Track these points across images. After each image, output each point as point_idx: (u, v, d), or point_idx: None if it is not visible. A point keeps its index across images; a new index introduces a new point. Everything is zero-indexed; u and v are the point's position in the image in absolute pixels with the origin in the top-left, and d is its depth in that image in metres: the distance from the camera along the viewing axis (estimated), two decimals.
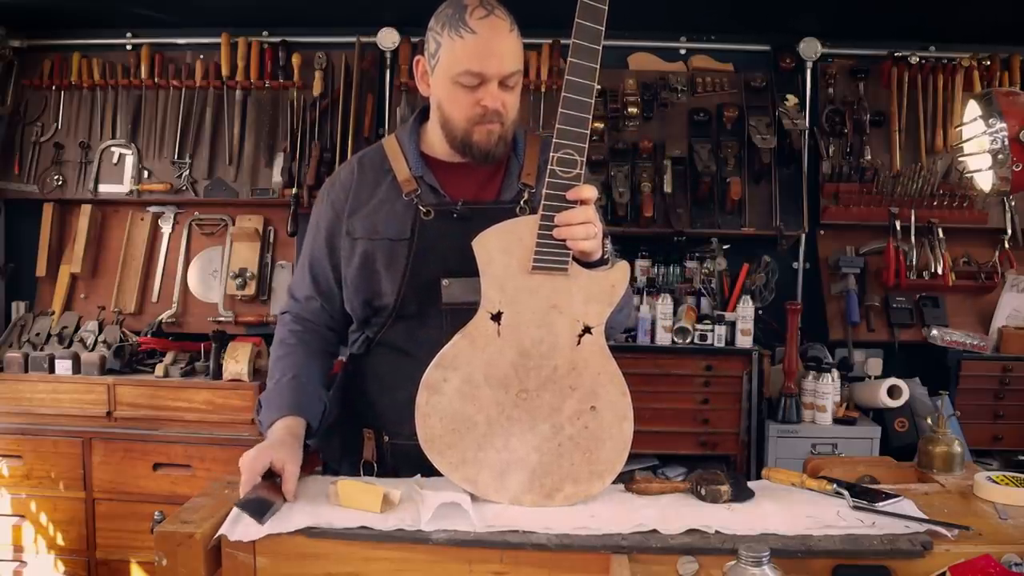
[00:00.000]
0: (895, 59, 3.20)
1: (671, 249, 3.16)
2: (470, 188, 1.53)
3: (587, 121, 1.28)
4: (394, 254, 1.50)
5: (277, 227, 3.30)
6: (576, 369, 1.32)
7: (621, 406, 1.34)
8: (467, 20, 1.39)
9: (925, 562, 1.15)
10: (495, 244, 1.29)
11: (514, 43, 1.43)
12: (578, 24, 1.25)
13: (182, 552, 1.16)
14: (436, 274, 1.48)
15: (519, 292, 1.30)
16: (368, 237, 1.51)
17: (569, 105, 1.27)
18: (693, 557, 1.17)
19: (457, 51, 1.40)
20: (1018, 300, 3.07)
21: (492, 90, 1.41)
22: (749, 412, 2.88)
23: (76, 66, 3.28)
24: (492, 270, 1.29)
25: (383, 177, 1.54)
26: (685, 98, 3.21)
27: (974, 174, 2.70)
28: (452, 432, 1.32)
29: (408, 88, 3.22)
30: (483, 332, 1.31)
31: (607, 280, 1.32)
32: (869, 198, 3.13)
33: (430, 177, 1.52)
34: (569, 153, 1.28)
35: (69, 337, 2.94)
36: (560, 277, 1.30)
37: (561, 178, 1.28)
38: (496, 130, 1.46)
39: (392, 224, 1.50)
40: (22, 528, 2.82)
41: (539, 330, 1.31)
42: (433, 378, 1.32)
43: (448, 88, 1.44)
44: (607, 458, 1.34)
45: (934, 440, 1.52)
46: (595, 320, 1.32)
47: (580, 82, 1.27)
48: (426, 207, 1.49)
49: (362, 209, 1.54)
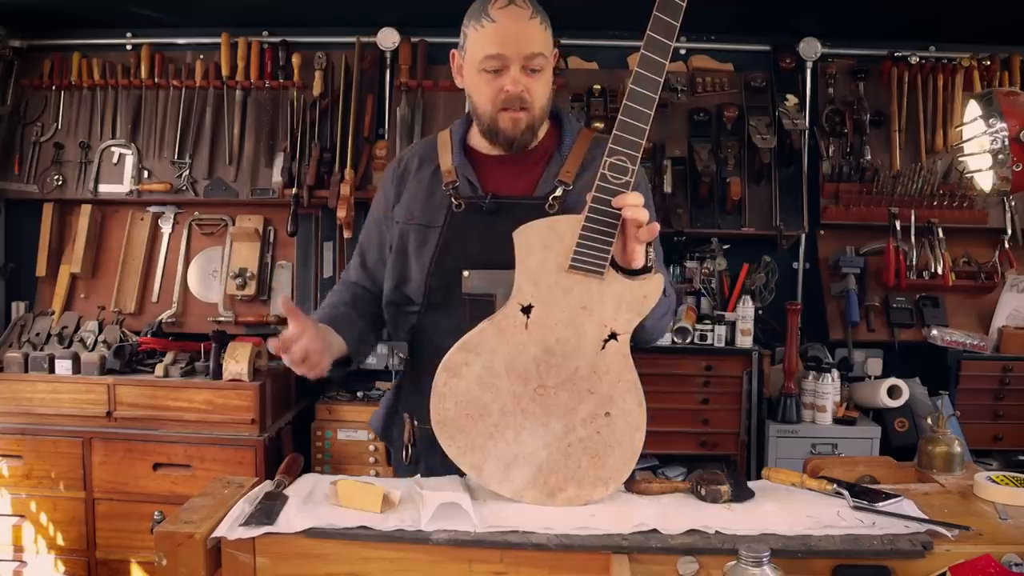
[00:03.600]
0: (895, 59, 3.20)
1: (671, 249, 3.16)
2: (507, 181, 1.56)
3: (644, 131, 1.29)
4: (425, 241, 1.55)
5: (277, 227, 3.30)
6: (597, 373, 1.33)
7: (636, 416, 1.34)
8: (489, 11, 1.46)
9: (925, 562, 1.16)
10: (536, 238, 1.30)
11: (536, 29, 1.47)
12: (649, 36, 1.27)
13: (182, 552, 1.16)
14: (460, 265, 1.51)
15: (552, 289, 1.31)
16: (405, 221, 1.58)
17: (629, 113, 1.29)
18: (693, 557, 1.17)
19: (479, 39, 1.46)
20: (1018, 300, 3.07)
21: (514, 74, 1.46)
22: (749, 412, 2.88)
23: (76, 66, 3.28)
24: (529, 263, 1.30)
25: (428, 166, 1.61)
26: (685, 98, 3.21)
27: (974, 174, 2.70)
28: (465, 417, 1.33)
29: (408, 88, 3.21)
30: (511, 322, 1.32)
31: (640, 290, 1.33)
32: (869, 198, 3.13)
33: (467, 170, 1.57)
34: (622, 160, 1.29)
35: (69, 337, 2.94)
36: (595, 280, 1.30)
37: (611, 183, 1.28)
38: (522, 118, 1.50)
39: (428, 211, 1.56)
40: (22, 528, 2.82)
41: (566, 329, 1.32)
42: (455, 361, 1.32)
43: (475, 77, 1.50)
44: (614, 465, 1.34)
45: (934, 440, 1.52)
46: (623, 328, 1.33)
47: (644, 93, 1.28)
48: (459, 199, 1.54)
49: (405, 194, 1.61)
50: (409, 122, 3.21)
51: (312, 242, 3.27)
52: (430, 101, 3.24)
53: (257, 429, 2.75)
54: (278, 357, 1.42)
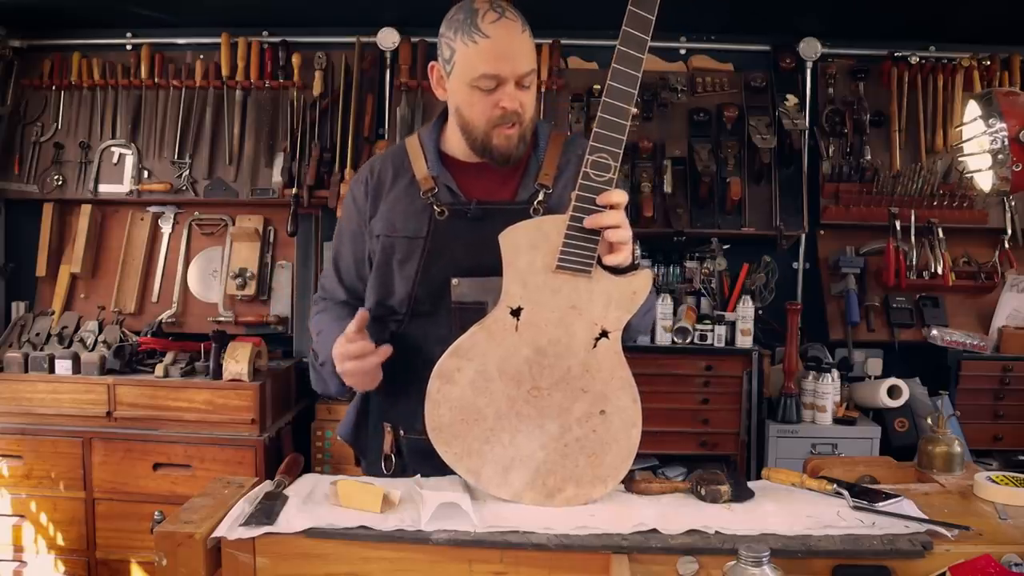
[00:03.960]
0: (895, 59, 3.20)
1: (671, 249, 3.16)
2: (487, 188, 1.55)
3: (625, 127, 1.28)
4: (410, 252, 1.53)
5: (277, 227, 3.31)
6: (589, 372, 1.33)
7: (631, 413, 1.34)
8: (479, 25, 1.41)
9: (925, 562, 1.15)
10: (523, 240, 1.30)
11: (527, 43, 1.45)
12: (625, 32, 1.26)
13: (182, 552, 1.16)
14: (448, 273, 1.50)
15: (541, 290, 1.30)
16: (386, 234, 1.55)
17: (609, 110, 1.28)
18: (693, 557, 1.17)
19: (472, 56, 1.42)
20: (1018, 300, 3.07)
21: (509, 91, 1.44)
22: (749, 412, 2.88)
23: (76, 66, 3.28)
24: (516, 265, 1.30)
25: (403, 175, 1.57)
26: (685, 98, 3.21)
27: (974, 174, 2.71)
28: (460, 422, 1.33)
29: (408, 88, 3.22)
30: (501, 326, 1.31)
31: (629, 287, 1.33)
32: (869, 198, 3.13)
33: (447, 177, 1.54)
34: (604, 157, 1.28)
35: (69, 337, 2.94)
36: (583, 279, 1.30)
37: (594, 181, 1.28)
38: (515, 133, 1.48)
39: (409, 222, 1.53)
40: (22, 528, 2.82)
41: (557, 329, 1.32)
42: (447, 367, 1.32)
43: (466, 93, 1.46)
44: (611, 463, 1.34)
45: (934, 440, 1.52)
46: (613, 325, 1.33)
47: (622, 88, 1.27)
48: (441, 207, 1.52)
49: (382, 207, 1.57)
50: (409, 122, 3.21)
51: (312, 242, 3.27)
52: (430, 101, 3.24)
53: (257, 429, 2.75)
54: (278, 357, 1.42)
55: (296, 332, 3.23)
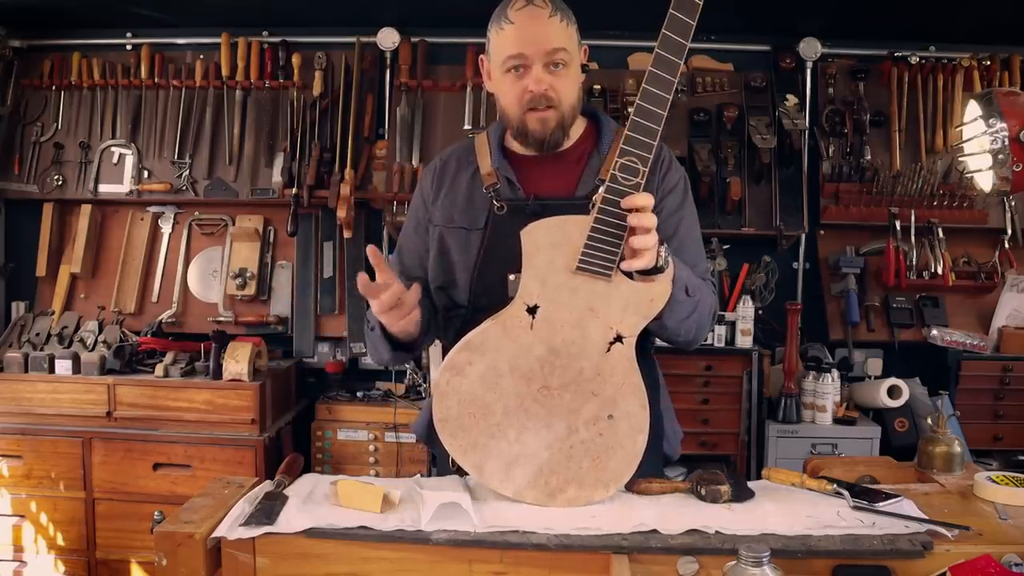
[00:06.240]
0: (895, 59, 3.20)
1: None
2: (548, 182, 1.56)
3: (657, 133, 1.28)
4: (468, 244, 1.54)
5: (277, 227, 3.30)
6: (601, 375, 1.33)
7: (639, 419, 1.34)
8: (508, 13, 1.46)
9: (925, 562, 1.16)
10: (544, 238, 1.30)
11: (555, 25, 1.46)
12: (664, 35, 1.26)
13: (182, 552, 1.16)
14: (505, 268, 1.49)
15: (559, 290, 1.31)
16: (445, 225, 1.58)
17: (642, 114, 1.28)
18: (693, 557, 1.17)
19: (501, 41, 1.47)
20: (1018, 300, 3.07)
21: (536, 73, 1.46)
22: (749, 412, 2.88)
23: (76, 66, 3.28)
24: (536, 263, 1.30)
25: (467, 168, 1.60)
26: (685, 98, 3.21)
27: (974, 174, 2.71)
28: (468, 416, 1.33)
29: (408, 88, 3.21)
30: (516, 322, 1.32)
31: (647, 293, 1.32)
32: (869, 198, 3.13)
33: (507, 170, 1.56)
34: (633, 161, 1.28)
35: (69, 337, 2.94)
36: (602, 282, 1.30)
37: (621, 184, 1.28)
38: (550, 116, 1.49)
39: (468, 214, 1.56)
40: (22, 528, 2.82)
41: (572, 331, 1.32)
42: (458, 360, 1.32)
43: (500, 80, 1.50)
44: (615, 468, 1.34)
45: (934, 440, 1.52)
46: (628, 330, 1.33)
47: (657, 93, 1.27)
48: (500, 202, 1.53)
49: (444, 199, 1.60)
50: (409, 122, 3.21)
51: (312, 242, 3.27)
52: (430, 101, 3.24)
53: (257, 429, 2.75)
54: (278, 357, 1.41)
55: (296, 332, 3.23)
